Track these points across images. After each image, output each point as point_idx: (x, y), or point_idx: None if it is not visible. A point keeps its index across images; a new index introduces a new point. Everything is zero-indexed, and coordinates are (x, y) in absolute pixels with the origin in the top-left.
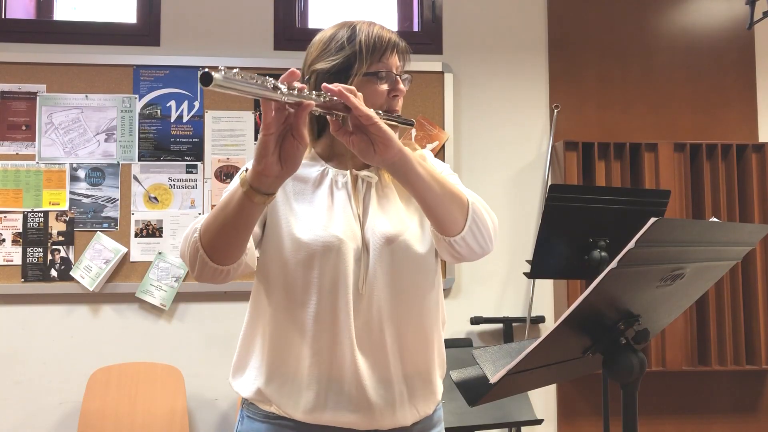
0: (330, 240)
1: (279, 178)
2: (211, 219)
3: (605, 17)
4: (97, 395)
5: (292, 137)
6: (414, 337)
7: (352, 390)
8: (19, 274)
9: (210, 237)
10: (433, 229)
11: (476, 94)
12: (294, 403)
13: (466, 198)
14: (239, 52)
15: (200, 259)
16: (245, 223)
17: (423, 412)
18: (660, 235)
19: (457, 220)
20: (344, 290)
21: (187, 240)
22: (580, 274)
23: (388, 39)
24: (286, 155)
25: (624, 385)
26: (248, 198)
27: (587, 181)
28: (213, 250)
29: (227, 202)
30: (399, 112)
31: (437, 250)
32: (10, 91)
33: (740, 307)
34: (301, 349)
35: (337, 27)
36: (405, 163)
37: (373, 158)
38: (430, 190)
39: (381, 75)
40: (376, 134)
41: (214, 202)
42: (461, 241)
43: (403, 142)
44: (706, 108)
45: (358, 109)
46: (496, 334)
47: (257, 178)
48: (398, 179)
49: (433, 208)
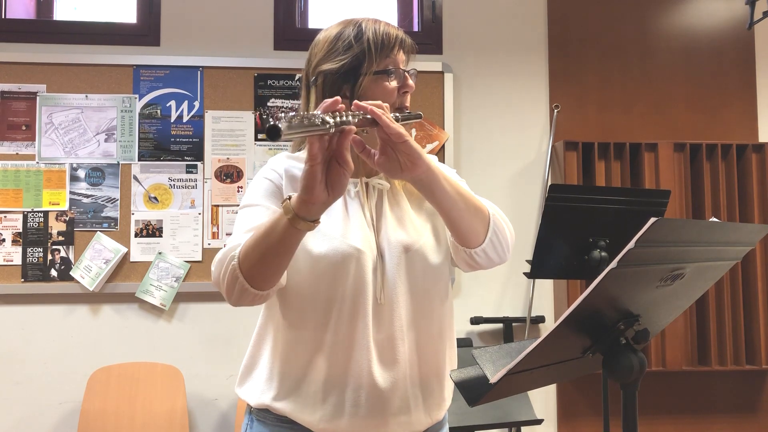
0: (348, 251)
1: (325, 204)
2: (251, 246)
3: (605, 17)
4: (97, 395)
5: (337, 164)
6: (430, 344)
7: (370, 399)
8: (19, 274)
9: (250, 264)
10: (453, 240)
11: (476, 94)
12: (310, 413)
13: (487, 210)
14: (239, 52)
15: (239, 286)
16: (288, 250)
17: (435, 418)
18: (660, 235)
19: (479, 233)
20: (363, 300)
21: (222, 267)
22: (580, 274)
23: (395, 36)
24: (333, 182)
25: (624, 385)
26: (293, 226)
27: (587, 181)
28: (253, 276)
29: (269, 230)
30: (409, 107)
31: (455, 259)
32: (10, 91)
33: (740, 307)
34: (317, 361)
35: (342, 25)
36: (432, 179)
37: (401, 175)
38: (454, 205)
39: (390, 72)
40: (406, 152)
41: (214, 202)
42: (482, 252)
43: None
44: (706, 108)
45: (389, 127)
46: (496, 334)
47: (304, 206)
48: (423, 194)
49: (457, 222)
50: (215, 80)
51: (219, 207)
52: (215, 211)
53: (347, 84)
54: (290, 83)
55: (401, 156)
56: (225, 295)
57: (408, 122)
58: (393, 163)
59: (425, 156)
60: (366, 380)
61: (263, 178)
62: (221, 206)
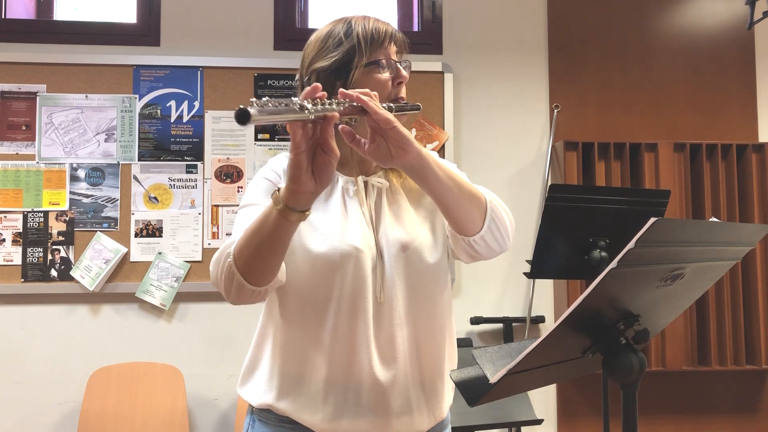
0: (347, 249)
1: (314, 193)
2: (245, 241)
3: (605, 17)
4: (97, 395)
5: (323, 152)
6: (430, 342)
7: (371, 398)
8: (19, 274)
9: (245, 259)
10: (451, 229)
11: (476, 94)
12: (311, 413)
13: (483, 197)
14: (239, 52)
15: (237, 283)
16: (281, 242)
17: (438, 417)
18: (660, 235)
19: (476, 220)
20: (363, 299)
21: (219, 265)
22: (580, 274)
23: (385, 30)
24: (319, 170)
25: (624, 385)
26: (284, 217)
27: (587, 181)
28: (249, 272)
29: (261, 223)
30: (405, 99)
31: (454, 250)
32: (10, 91)
33: (740, 307)
34: (317, 360)
35: (332, 24)
36: (423, 166)
37: (391, 162)
38: (448, 192)
39: (382, 63)
40: (395, 138)
41: (214, 202)
42: (480, 240)
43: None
44: (706, 108)
45: (377, 114)
46: (496, 334)
47: (292, 196)
48: (416, 181)
49: (452, 209)
50: (215, 80)
51: (219, 207)
52: (215, 211)
53: (339, 80)
54: (290, 83)
55: (391, 143)
56: (224, 293)
57: (404, 113)
58: (383, 151)
59: (415, 142)
60: (367, 379)
61: (262, 178)
62: (221, 206)
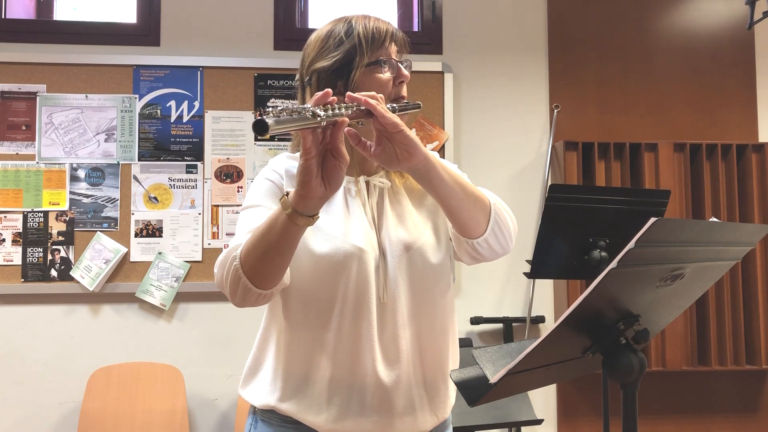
0: (351, 250)
1: (323, 198)
2: (252, 245)
3: (605, 17)
4: (97, 395)
5: (332, 156)
6: (433, 342)
7: (375, 398)
8: (19, 274)
9: (252, 263)
10: (454, 231)
11: (476, 94)
12: (315, 414)
13: (487, 200)
14: (239, 52)
15: (243, 286)
16: (289, 246)
17: (441, 416)
18: (660, 235)
19: (480, 223)
20: (367, 299)
21: (224, 268)
22: (580, 274)
23: (385, 29)
24: (329, 175)
25: (624, 385)
26: (292, 221)
27: (587, 181)
28: (256, 275)
29: (269, 227)
30: (406, 98)
31: (457, 252)
32: (10, 91)
33: (740, 307)
34: (321, 361)
35: (332, 23)
36: (429, 169)
37: (398, 165)
38: (453, 195)
39: (383, 63)
40: (402, 142)
41: (214, 202)
42: (484, 243)
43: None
44: (706, 108)
45: (384, 117)
46: (496, 334)
47: (302, 201)
48: (421, 184)
49: (457, 212)
50: (215, 80)
51: (219, 207)
52: (215, 211)
53: (341, 80)
54: (290, 83)
55: (397, 146)
56: (229, 296)
57: (406, 113)
58: (389, 154)
59: (421, 145)
60: (371, 380)
61: (264, 179)
62: (221, 206)
